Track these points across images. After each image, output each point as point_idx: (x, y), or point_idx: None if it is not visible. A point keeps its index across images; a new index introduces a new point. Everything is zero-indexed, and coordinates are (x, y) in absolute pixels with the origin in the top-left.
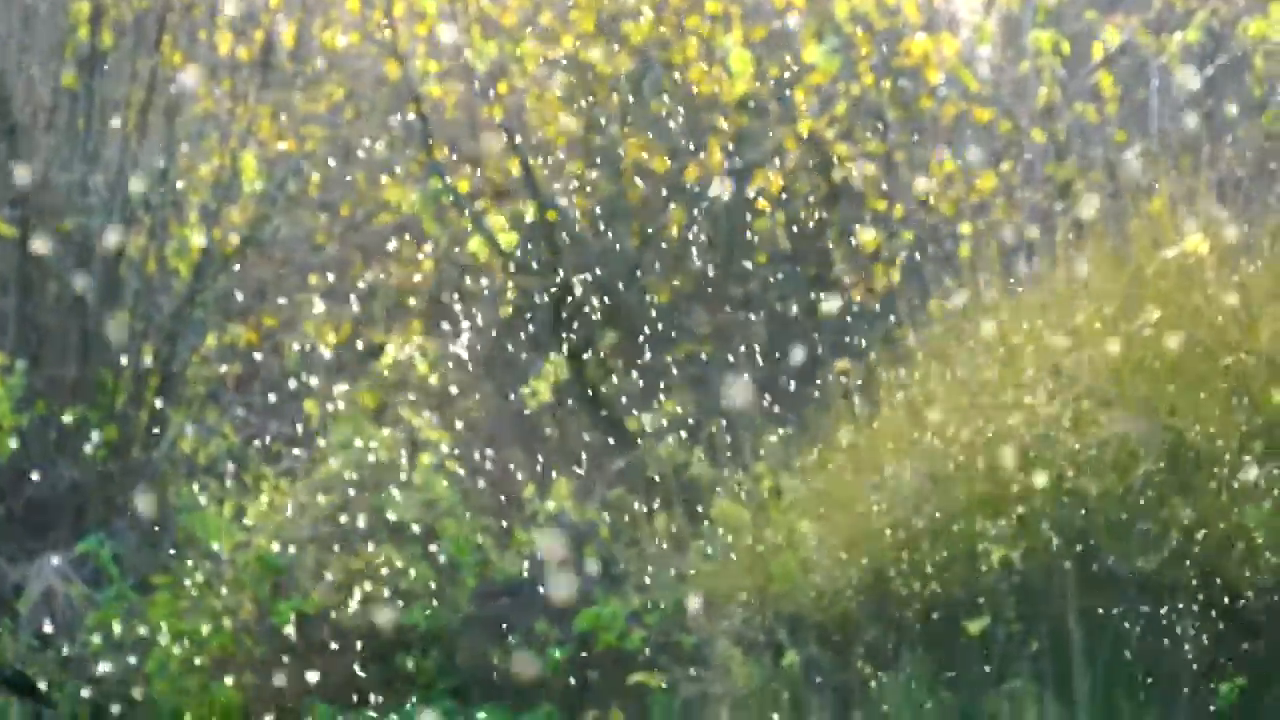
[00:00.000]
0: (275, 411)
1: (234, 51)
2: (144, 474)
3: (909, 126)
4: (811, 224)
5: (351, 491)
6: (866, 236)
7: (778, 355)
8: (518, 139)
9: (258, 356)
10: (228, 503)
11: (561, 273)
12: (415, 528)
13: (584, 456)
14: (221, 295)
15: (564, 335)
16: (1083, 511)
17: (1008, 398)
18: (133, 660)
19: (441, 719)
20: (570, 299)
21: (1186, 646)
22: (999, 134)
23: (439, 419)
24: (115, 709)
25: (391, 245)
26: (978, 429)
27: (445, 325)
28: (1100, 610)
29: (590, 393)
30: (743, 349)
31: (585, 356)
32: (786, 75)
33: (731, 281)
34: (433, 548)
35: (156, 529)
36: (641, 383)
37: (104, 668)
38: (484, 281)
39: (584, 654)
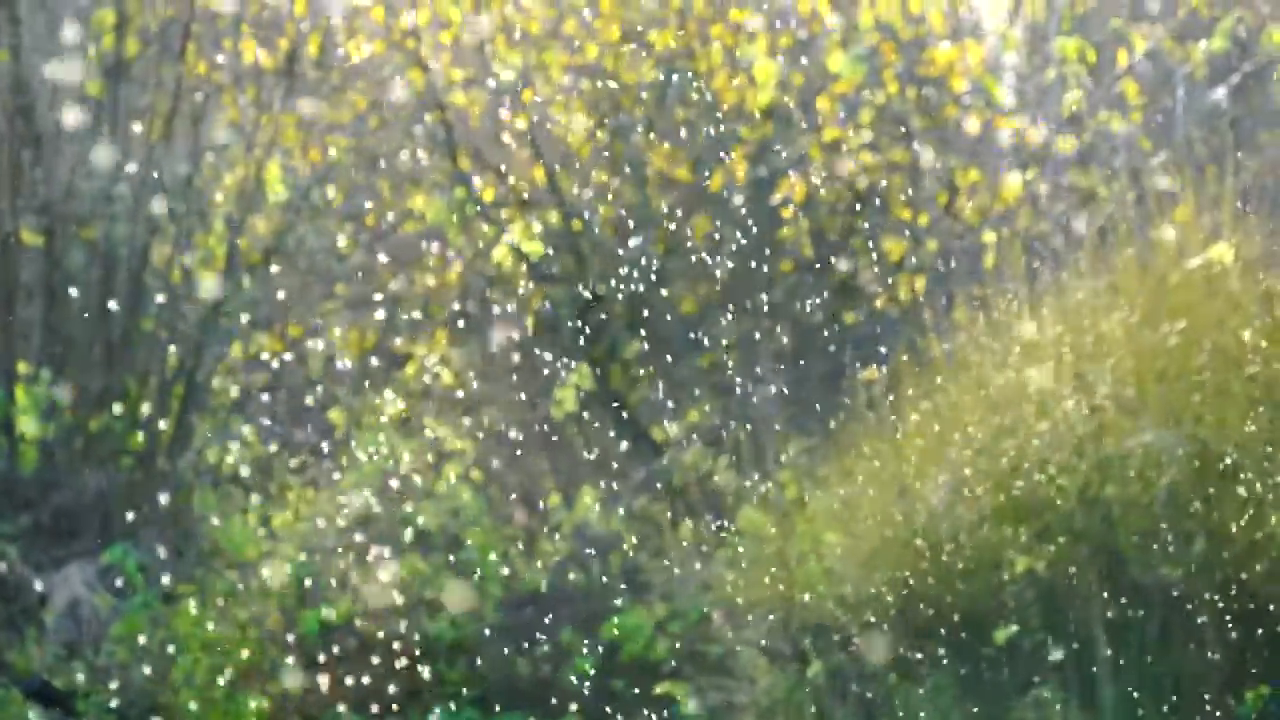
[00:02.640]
0: (300, 421)
1: (258, 60)
2: (169, 483)
3: (934, 135)
4: (836, 233)
5: (377, 501)
6: (891, 245)
7: (802, 364)
8: (542, 148)
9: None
10: (253, 512)
11: (586, 282)
12: (440, 537)
13: (609, 465)
14: (246, 304)
15: (589, 344)
16: (1107, 521)
17: (1032, 407)
18: (158, 670)
19: None
20: (595, 308)
21: (1210, 655)
22: (1024, 142)
23: (464, 428)
24: (141, 719)
25: (416, 254)
26: (1002, 438)
27: (470, 335)
28: (1125, 619)
29: (615, 402)
30: (767, 358)
31: (610, 365)
32: (811, 84)
33: (756, 290)
34: (457, 557)
35: (182, 538)
36: (666, 392)
37: (129, 677)
38: (509, 291)
39: (609, 663)
